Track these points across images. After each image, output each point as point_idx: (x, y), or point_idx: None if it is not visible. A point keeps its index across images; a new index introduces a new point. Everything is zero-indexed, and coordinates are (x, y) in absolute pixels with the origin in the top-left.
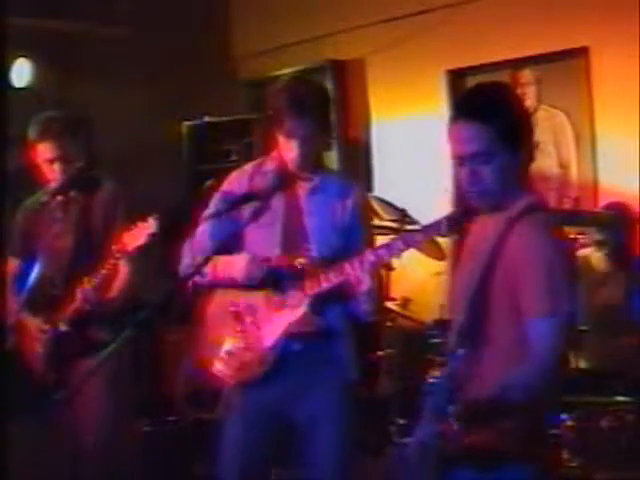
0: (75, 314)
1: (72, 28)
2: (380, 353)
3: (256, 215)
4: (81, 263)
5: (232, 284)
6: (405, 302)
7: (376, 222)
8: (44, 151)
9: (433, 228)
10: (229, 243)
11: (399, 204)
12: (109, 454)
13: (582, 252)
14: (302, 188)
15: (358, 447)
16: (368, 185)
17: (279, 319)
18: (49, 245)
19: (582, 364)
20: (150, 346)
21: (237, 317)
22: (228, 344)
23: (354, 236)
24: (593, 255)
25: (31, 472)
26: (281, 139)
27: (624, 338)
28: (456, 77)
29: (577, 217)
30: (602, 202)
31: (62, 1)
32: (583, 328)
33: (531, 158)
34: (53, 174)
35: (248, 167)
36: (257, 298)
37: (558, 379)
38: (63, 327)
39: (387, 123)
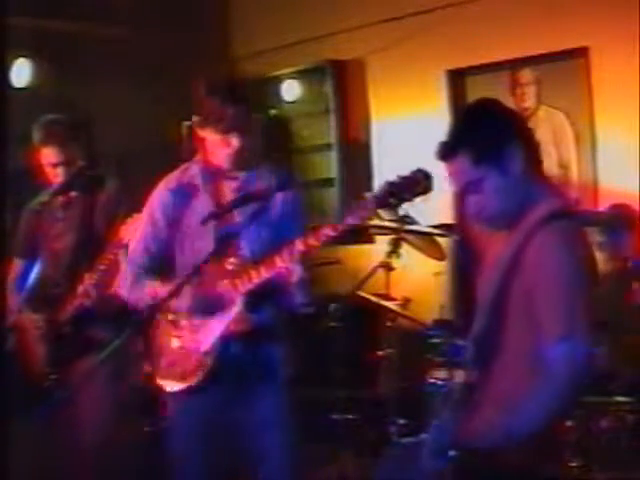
0: (76, 312)
1: (72, 28)
2: (380, 353)
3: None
4: (83, 263)
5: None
6: (405, 302)
7: (376, 222)
8: (48, 155)
9: (361, 210)
10: (165, 256)
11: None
12: (109, 454)
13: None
14: (229, 187)
15: (303, 449)
16: (368, 185)
17: (215, 322)
18: (51, 245)
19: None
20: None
21: (175, 324)
22: (168, 352)
23: (287, 228)
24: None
25: (31, 472)
26: (215, 137)
27: (624, 338)
28: (456, 77)
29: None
30: (602, 202)
31: (62, 1)
32: None
33: (537, 157)
34: (57, 177)
35: (173, 175)
36: (193, 303)
37: (577, 397)
38: (63, 327)
39: (387, 123)
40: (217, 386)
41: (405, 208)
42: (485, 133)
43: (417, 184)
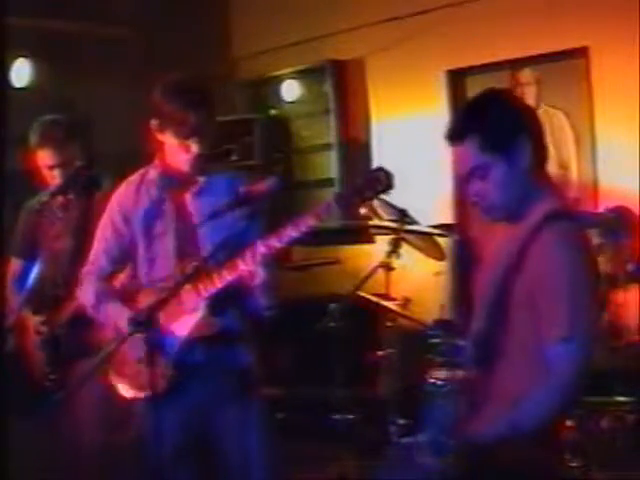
0: (75, 313)
1: (72, 28)
2: (380, 353)
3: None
4: (81, 263)
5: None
6: (405, 302)
7: (376, 222)
8: (45, 157)
9: (323, 209)
10: (126, 259)
11: (399, 204)
12: (108, 454)
13: None
14: (188, 192)
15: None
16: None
17: (178, 326)
18: (49, 245)
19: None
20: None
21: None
22: (131, 361)
23: (249, 228)
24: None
25: (31, 472)
26: (174, 142)
27: (624, 338)
28: (456, 77)
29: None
30: (602, 203)
31: (62, 1)
32: None
33: (543, 155)
34: (54, 179)
35: (133, 178)
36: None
37: (575, 397)
38: (63, 327)
39: (387, 123)
40: (183, 392)
41: (405, 208)
42: (498, 122)
43: (378, 182)
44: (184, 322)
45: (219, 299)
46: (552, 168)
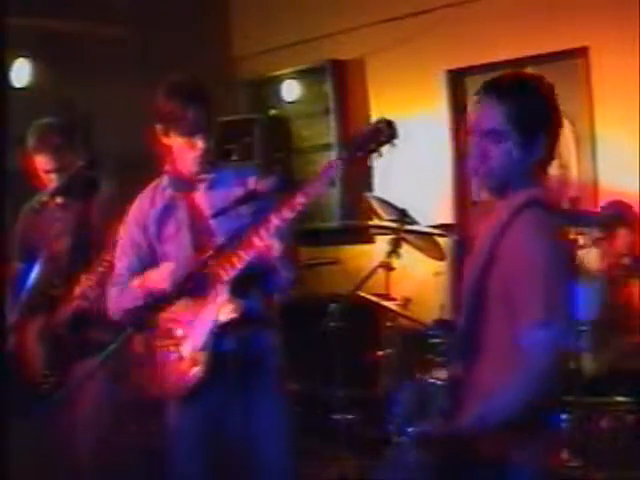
0: (74, 314)
1: (72, 28)
2: (380, 353)
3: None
4: (80, 264)
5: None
6: (405, 302)
7: (376, 222)
8: (42, 162)
9: (329, 170)
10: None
11: (399, 204)
12: (107, 455)
13: (582, 252)
14: (199, 189)
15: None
16: (368, 185)
17: (204, 316)
18: (48, 246)
19: (582, 364)
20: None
21: (165, 330)
22: (164, 359)
23: (262, 216)
24: (592, 254)
25: (31, 473)
26: (180, 141)
27: (623, 338)
28: (456, 77)
29: (577, 217)
30: (602, 202)
31: (62, 1)
32: (583, 328)
33: (549, 158)
34: (51, 183)
35: (146, 191)
36: (181, 305)
37: (555, 385)
38: (62, 328)
39: None
40: (215, 382)
41: (405, 208)
42: (536, 105)
43: (380, 133)
44: (209, 311)
45: (241, 281)
46: (552, 168)
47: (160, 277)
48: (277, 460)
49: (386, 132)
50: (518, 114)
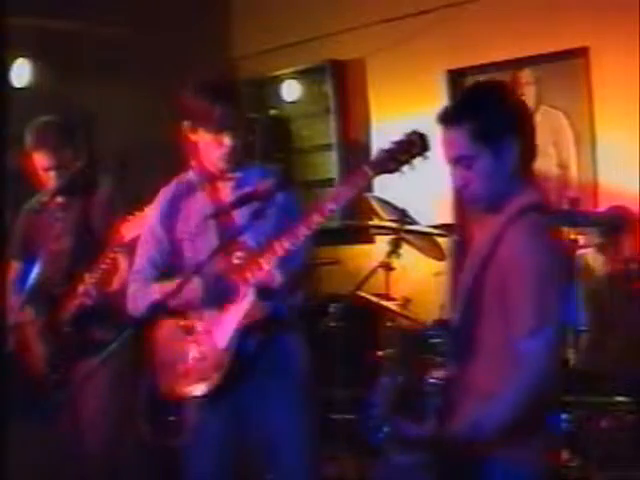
0: (76, 312)
1: (72, 28)
2: (380, 353)
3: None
4: (81, 263)
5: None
6: (405, 302)
7: (376, 222)
8: (40, 160)
9: (359, 178)
10: (171, 264)
11: (399, 204)
12: (111, 454)
13: (582, 252)
14: (226, 187)
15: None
16: (368, 185)
17: (229, 317)
18: (49, 246)
19: (582, 364)
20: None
21: (187, 330)
22: (184, 359)
23: (286, 223)
24: (593, 256)
25: (32, 473)
26: (207, 139)
27: (624, 338)
28: (456, 77)
29: (577, 218)
30: (602, 202)
31: (62, 1)
32: (583, 328)
33: (531, 155)
34: (50, 181)
35: (168, 186)
36: (204, 303)
37: (550, 389)
38: (64, 327)
39: (387, 123)
40: (239, 382)
41: (405, 208)
42: (492, 115)
43: (413, 145)
44: (234, 312)
45: (266, 283)
46: (552, 168)
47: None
48: (296, 465)
49: (418, 144)
50: (481, 133)
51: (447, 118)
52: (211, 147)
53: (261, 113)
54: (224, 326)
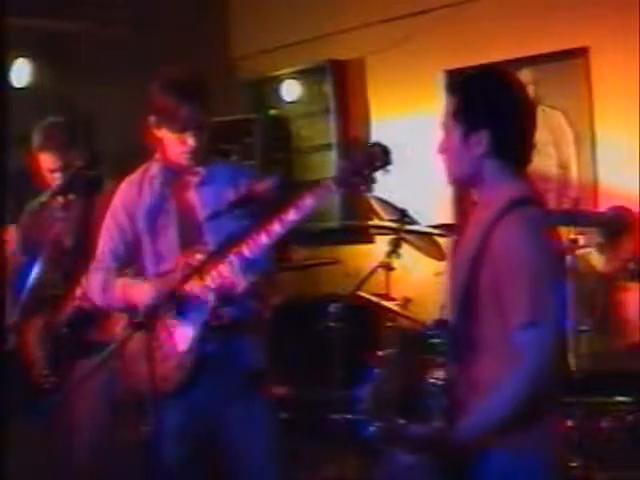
0: (74, 314)
1: (72, 28)
2: (380, 353)
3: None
4: (82, 263)
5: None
6: (405, 302)
7: (376, 222)
8: (47, 161)
9: (323, 191)
10: (132, 257)
11: (399, 204)
12: (108, 456)
13: (582, 252)
14: (190, 183)
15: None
16: (368, 185)
17: (190, 320)
18: (50, 246)
19: (582, 364)
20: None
21: (155, 331)
22: (147, 360)
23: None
24: (593, 256)
25: (30, 473)
26: (171, 136)
27: (624, 338)
28: (456, 77)
29: (577, 218)
30: (602, 202)
31: (62, 1)
32: (583, 328)
33: (519, 150)
34: (56, 182)
35: (134, 176)
36: (166, 306)
37: (550, 385)
38: (62, 328)
39: (387, 123)
40: (198, 385)
41: (405, 208)
42: (474, 101)
43: (375, 158)
44: (194, 315)
45: (227, 289)
46: (552, 168)
47: (141, 295)
48: (257, 463)
49: (380, 157)
50: (458, 110)
51: (447, 86)
52: (175, 145)
53: (261, 113)
54: (185, 329)
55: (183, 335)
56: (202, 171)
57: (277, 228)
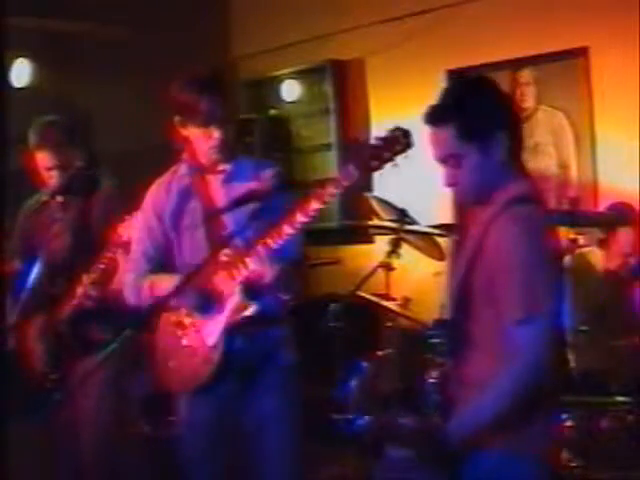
0: (75, 312)
1: (72, 28)
2: (380, 353)
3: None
4: (81, 263)
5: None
6: (405, 302)
7: (376, 222)
8: (43, 159)
9: (343, 175)
10: (163, 258)
11: (399, 204)
12: (109, 454)
13: (582, 251)
14: (216, 180)
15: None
16: (368, 185)
17: (217, 315)
18: (49, 245)
19: (582, 364)
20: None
21: (179, 325)
22: (175, 354)
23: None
24: (593, 255)
25: (31, 472)
26: (196, 133)
27: (624, 338)
28: (456, 77)
29: (577, 218)
30: (602, 202)
31: (62, 1)
32: (583, 328)
33: (519, 145)
34: (52, 180)
35: (163, 177)
36: (193, 300)
37: (546, 382)
38: (62, 327)
39: (387, 123)
40: (227, 380)
41: (405, 208)
42: (477, 110)
43: (396, 142)
44: (222, 310)
45: (253, 282)
46: (552, 168)
47: (167, 288)
48: (282, 458)
49: (402, 141)
50: (467, 131)
51: (433, 118)
52: (201, 141)
53: (261, 113)
54: (213, 324)
55: (211, 330)
56: (228, 168)
57: (300, 218)
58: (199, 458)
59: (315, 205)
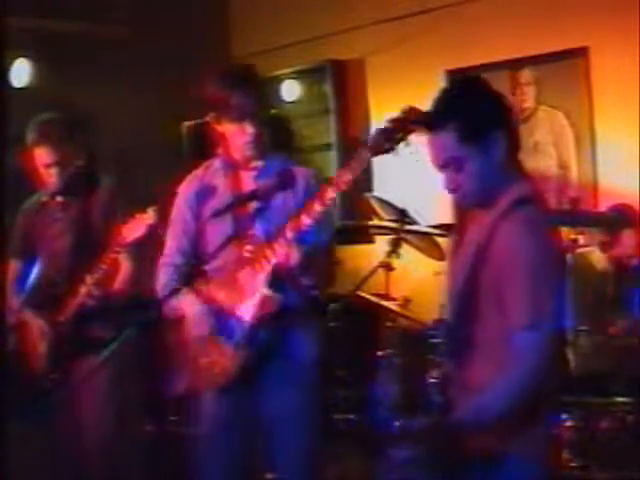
0: (77, 312)
1: (72, 28)
2: (380, 353)
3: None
4: (82, 262)
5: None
6: (405, 302)
7: (376, 222)
8: (41, 156)
9: (356, 160)
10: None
11: (399, 204)
12: (111, 454)
13: (583, 251)
14: (248, 176)
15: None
16: (368, 185)
17: (243, 310)
18: (49, 245)
19: (582, 364)
20: (153, 345)
21: (206, 321)
22: (199, 351)
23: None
24: (594, 255)
25: (32, 472)
26: (230, 128)
27: (623, 338)
28: (456, 77)
29: (577, 218)
30: (602, 202)
31: (62, 1)
32: (583, 328)
33: (516, 145)
34: (51, 178)
35: (197, 172)
36: (219, 296)
37: (547, 386)
38: (64, 326)
39: None
40: (251, 373)
41: (405, 208)
42: (476, 112)
43: (408, 121)
44: (247, 305)
45: (277, 275)
46: (552, 168)
47: (192, 317)
48: (304, 453)
49: (414, 120)
50: (467, 133)
51: (432, 123)
52: (236, 136)
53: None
54: (238, 317)
55: (236, 327)
56: (260, 163)
57: (317, 207)
58: (221, 453)
59: (331, 194)
